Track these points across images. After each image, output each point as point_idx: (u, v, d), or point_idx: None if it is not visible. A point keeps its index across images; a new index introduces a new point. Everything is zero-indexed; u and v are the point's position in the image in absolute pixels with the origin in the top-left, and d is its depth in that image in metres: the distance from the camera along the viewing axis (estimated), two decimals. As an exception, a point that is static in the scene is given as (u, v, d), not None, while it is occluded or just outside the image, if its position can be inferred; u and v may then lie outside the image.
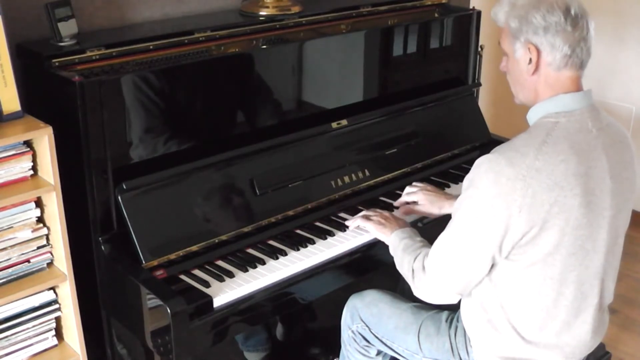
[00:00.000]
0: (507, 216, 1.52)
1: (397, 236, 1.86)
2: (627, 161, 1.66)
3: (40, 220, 1.86)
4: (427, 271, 1.68)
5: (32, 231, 1.84)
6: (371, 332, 1.96)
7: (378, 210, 2.07)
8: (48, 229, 1.86)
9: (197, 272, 1.88)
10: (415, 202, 2.14)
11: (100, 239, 1.87)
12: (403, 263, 1.78)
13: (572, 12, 1.56)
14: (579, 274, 1.61)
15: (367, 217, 2.02)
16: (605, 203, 1.60)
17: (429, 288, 1.69)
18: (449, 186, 2.36)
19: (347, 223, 2.08)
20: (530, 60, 1.59)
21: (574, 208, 1.54)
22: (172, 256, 1.86)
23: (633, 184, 1.68)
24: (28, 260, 1.85)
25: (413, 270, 1.72)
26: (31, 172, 1.82)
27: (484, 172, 1.55)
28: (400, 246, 1.82)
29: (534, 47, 1.58)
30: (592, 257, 1.62)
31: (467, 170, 1.62)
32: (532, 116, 1.64)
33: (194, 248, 1.89)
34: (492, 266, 1.63)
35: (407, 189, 2.17)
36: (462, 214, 1.60)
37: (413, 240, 1.82)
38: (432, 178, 2.41)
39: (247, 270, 1.88)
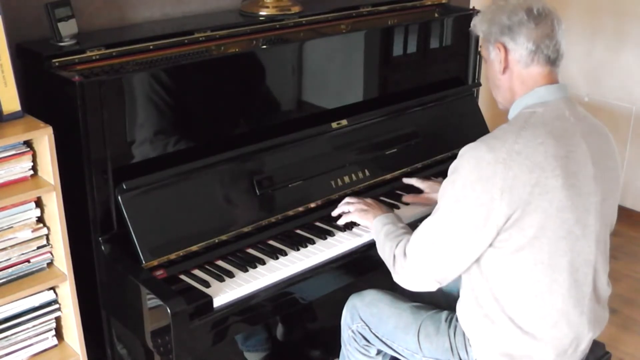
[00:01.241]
0: (488, 200, 1.56)
1: (380, 221, 1.90)
2: (609, 152, 1.72)
3: (40, 220, 1.86)
4: (408, 256, 1.71)
5: (32, 231, 1.84)
6: (371, 331, 1.96)
7: (361, 198, 2.10)
8: (48, 229, 1.86)
9: (197, 272, 1.88)
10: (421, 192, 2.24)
11: (100, 239, 1.87)
12: (384, 248, 1.81)
13: (535, 11, 1.65)
14: (572, 260, 1.64)
15: (349, 204, 2.07)
16: (590, 188, 1.64)
17: (409, 274, 1.72)
18: (449, 186, 2.36)
19: (332, 213, 2.11)
20: (500, 59, 1.69)
21: (556, 189, 1.57)
22: (172, 256, 1.86)
23: (617, 176, 1.74)
24: (28, 260, 1.85)
25: (394, 256, 1.76)
26: (31, 172, 1.82)
27: (466, 159, 1.61)
28: (382, 231, 1.86)
29: (502, 45, 1.68)
30: (582, 243, 1.64)
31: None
32: (512, 113, 1.72)
33: (194, 248, 1.89)
34: (480, 257, 1.65)
35: (414, 180, 2.28)
36: (445, 200, 1.64)
37: (395, 226, 1.85)
38: (432, 178, 2.40)
39: (247, 270, 1.89)
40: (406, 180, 2.31)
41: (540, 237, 1.59)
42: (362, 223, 2.02)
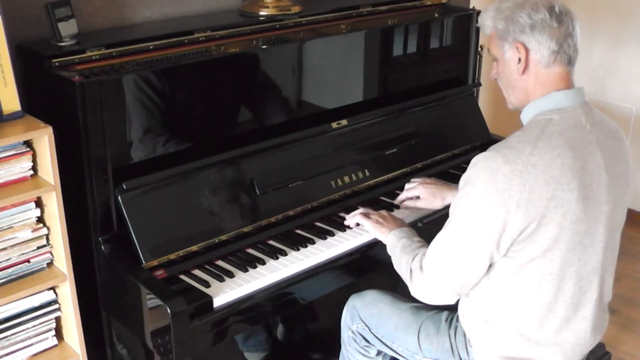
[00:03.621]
0: (504, 212, 1.53)
1: (395, 235, 1.86)
2: (621, 156, 1.67)
3: (40, 220, 1.86)
4: (425, 271, 1.68)
5: (32, 231, 1.84)
6: (371, 332, 1.96)
7: (374, 211, 2.06)
8: (48, 229, 1.86)
9: (197, 272, 1.88)
10: (417, 197, 2.16)
11: (100, 239, 1.87)
12: (401, 263, 1.78)
13: (556, 9, 1.59)
14: (578, 270, 1.62)
15: (365, 215, 2.02)
16: (602, 198, 1.61)
17: (427, 288, 1.69)
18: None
19: (346, 221, 2.08)
20: (520, 59, 1.62)
21: (571, 202, 1.54)
22: (172, 256, 1.86)
23: (628, 179, 1.70)
24: (28, 260, 1.85)
25: (411, 271, 1.72)
26: (31, 172, 1.82)
27: (481, 169, 1.56)
28: (398, 246, 1.82)
29: (522, 45, 1.61)
30: (590, 252, 1.62)
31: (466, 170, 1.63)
32: (526, 115, 1.66)
33: (194, 248, 1.89)
34: (490, 266, 1.63)
35: (407, 185, 2.20)
36: (460, 212, 1.60)
37: (411, 240, 1.82)
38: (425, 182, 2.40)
39: (247, 270, 1.88)
40: (398, 201, 2.20)
41: (552, 249, 1.57)
42: (376, 236, 1.97)
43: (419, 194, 2.16)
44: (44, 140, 1.75)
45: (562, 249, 1.57)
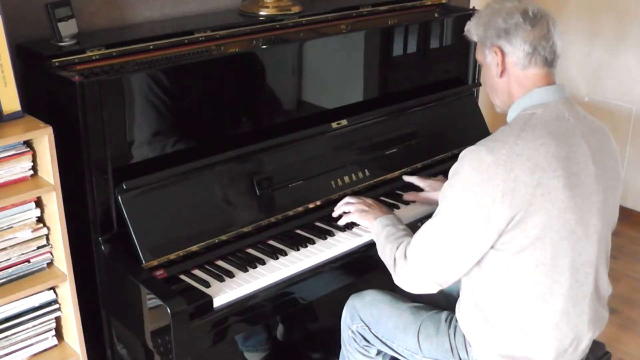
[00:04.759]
0: (489, 202, 1.55)
1: (380, 223, 1.89)
2: (609, 151, 1.72)
3: (40, 220, 1.86)
4: (409, 259, 1.70)
5: (32, 231, 1.84)
6: (371, 332, 1.96)
7: (362, 198, 2.09)
8: (48, 229, 1.86)
9: (197, 272, 1.88)
10: (421, 190, 2.24)
11: (100, 239, 1.87)
12: (385, 251, 1.81)
13: (530, 13, 1.66)
14: (573, 261, 1.63)
15: (350, 203, 2.06)
16: (592, 188, 1.64)
17: (410, 276, 1.72)
18: (449, 186, 2.36)
19: (334, 213, 2.10)
20: (497, 63, 1.69)
21: (558, 190, 1.57)
22: (172, 256, 1.86)
23: (618, 174, 1.74)
24: (28, 260, 1.85)
25: (395, 259, 1.75)
26: (31, 172, 1.82)
27: (467, 161, 1.61)
28: (382, 233, 1.85)
29: (498, 48, 1.68)
30: (584, 243, 1.64)
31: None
32: (511, 115, 1.72)
33: (194, 248, 1.90)
34: (482, 259, 1.64)
35: (414, 178, 2.29)
36: (446, 202, 1.64)
37: (396, 227, 1.85)
38: (432, 177, 2.41)
39: (247, 270, 1.89)
40: (406, 178, 2.31)
41: (542, 238, 1.59)
42: (362, 224, 2.02)
43: (424, 187, 2.23)
44: (44, 140, 1.75)
45: (552, 237, 1.59)
